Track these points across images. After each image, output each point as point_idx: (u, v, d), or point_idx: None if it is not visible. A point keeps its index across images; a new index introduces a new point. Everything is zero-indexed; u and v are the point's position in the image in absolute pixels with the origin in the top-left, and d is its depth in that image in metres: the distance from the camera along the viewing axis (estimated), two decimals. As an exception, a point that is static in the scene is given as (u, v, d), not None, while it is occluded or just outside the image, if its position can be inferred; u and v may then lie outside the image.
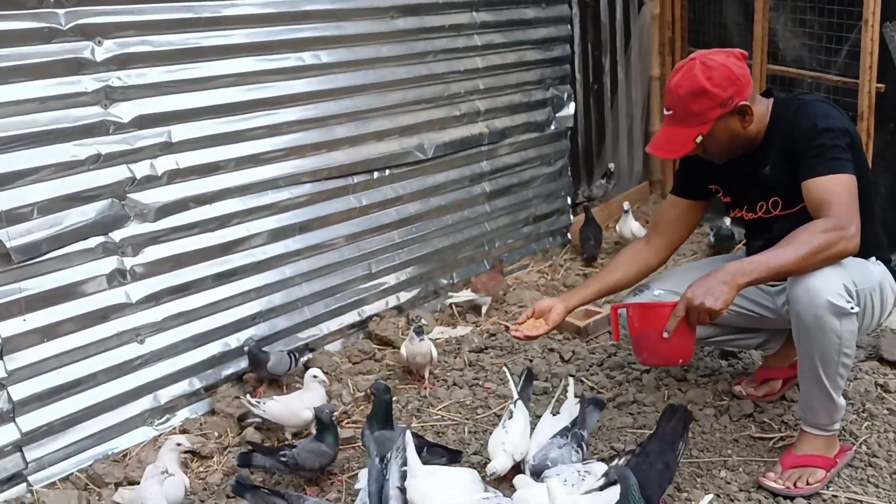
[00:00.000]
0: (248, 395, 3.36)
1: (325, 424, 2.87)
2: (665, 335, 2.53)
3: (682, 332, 2.53)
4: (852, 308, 2.49)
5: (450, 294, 4.50)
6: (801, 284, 2.50)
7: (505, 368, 3.34)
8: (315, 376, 3.24)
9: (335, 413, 2.77)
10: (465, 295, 4.40)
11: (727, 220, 4.82)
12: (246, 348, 3.55)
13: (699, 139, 2.66)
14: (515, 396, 2.97)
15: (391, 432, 2.83)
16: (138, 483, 2.98)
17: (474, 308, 4.43)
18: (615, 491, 2.32)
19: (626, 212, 5.10)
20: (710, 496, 2.35)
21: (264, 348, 3.59)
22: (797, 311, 2.52)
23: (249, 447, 3.10)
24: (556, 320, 2.97)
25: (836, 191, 2.51)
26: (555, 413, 3.01)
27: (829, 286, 2.46)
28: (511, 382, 3.09)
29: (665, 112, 2.75)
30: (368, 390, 3.25)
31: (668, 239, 3.11)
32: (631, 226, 5.08)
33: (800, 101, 2.76)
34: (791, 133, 2.66)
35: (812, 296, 2.47)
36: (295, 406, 3.19)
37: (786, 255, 2.48)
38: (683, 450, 2.67)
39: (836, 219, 2.46)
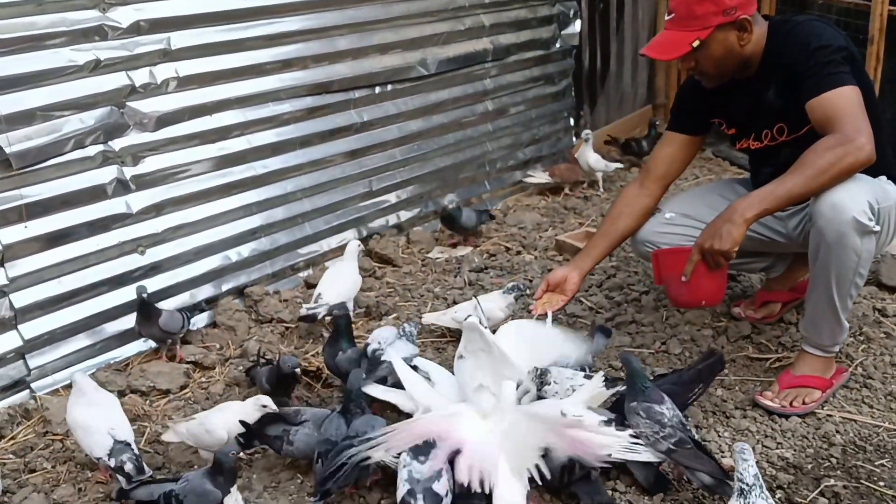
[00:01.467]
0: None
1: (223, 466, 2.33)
2: (683, 279, 2.60)
3: (701, 275, 2.60)
4: (874, 227, 2.48)
5: (528, 173, 4.87)
6: (827, 200, 2.48)
7: (475, 299, 3.21)
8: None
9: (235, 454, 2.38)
10: (542, 177, 4.84)
11: None
12: (144, 296, 3.14)
13: (696, 43, 2.62)
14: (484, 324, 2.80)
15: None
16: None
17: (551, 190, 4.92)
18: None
19: (587, 140, 4.88)
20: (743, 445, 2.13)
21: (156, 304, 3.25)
22: (820, 226, 2.50)
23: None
24: (573, 290, 2.97)
25: (839, 104, 2.49)
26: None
27: (855, 203, 2.45)
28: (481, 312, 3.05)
29: (667, 17, 2.72)
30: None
31: (663, 178, 3.07)
32: (588, 157, 4.85)
33: (792, 22, 2.72)
34: (787, 56, 2.63)
35: (837, 212, 2.45)
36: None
37: (793, 180, 2.47)
38: (700, 393, 2.65)
39: (842, 132, 2.44)
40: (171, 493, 2.28)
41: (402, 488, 2.24)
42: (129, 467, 2.43)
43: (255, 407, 2.55)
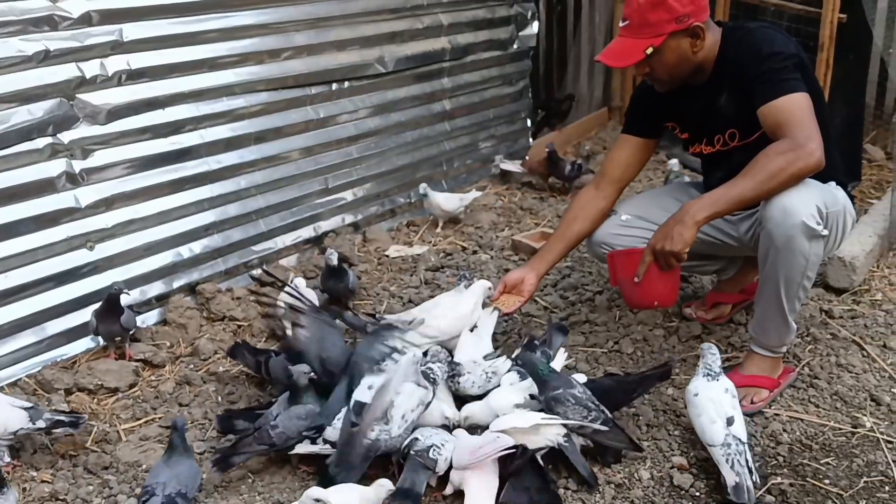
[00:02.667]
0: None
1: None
2: (636, 280, 2.66)
3: (654, 276, 2.64)
4: (822, 231, 2.53)
5: (503, 159, 4.91)
6: (776, 204, 2.52)
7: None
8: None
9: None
10: (514, 166, 4.93)
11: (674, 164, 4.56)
12: (119, 290, 3.06)
13: (650, 51, 2.66)
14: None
15: None
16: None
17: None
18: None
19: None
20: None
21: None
22: (769, 229, 2.55)
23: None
24: (530, 291, 3.02)
25: (790, 110, 2.54)
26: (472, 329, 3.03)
27: (804, 208, 2.50)
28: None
29: (621, 24, 2.75)
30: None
31: (619, 181, 3.11)
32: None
33: (745, 29, 2.77)
34: (739, 62, 2.67)
35: (787, 216, 2.50)
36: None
37: (744, 183, 2.52)
38: (639, 394, 2.74)
39: (793, 138, 2.49)
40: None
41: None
42: None
43: (377, 492, 2.28)
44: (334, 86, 4.04)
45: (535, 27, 5.12)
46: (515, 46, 5.05)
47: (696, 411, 2.46)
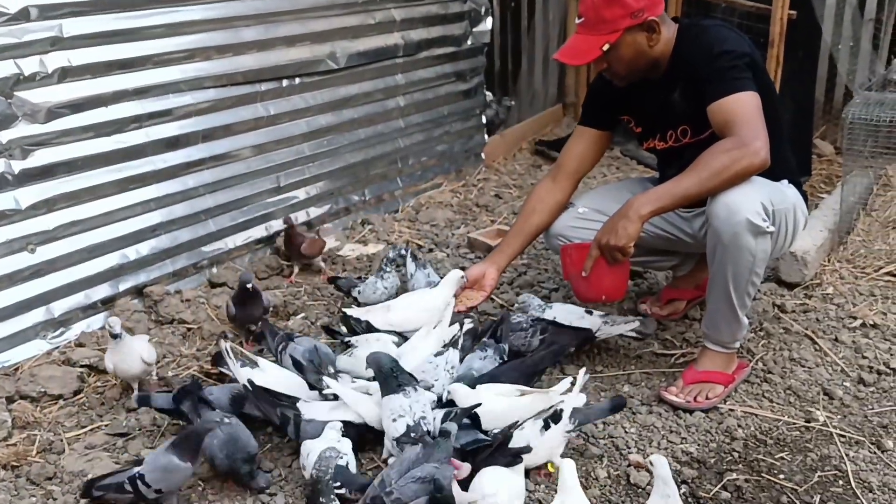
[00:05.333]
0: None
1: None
2: (583, 274, 2.69)
3: (602, 270, 2.67)
4: (768, 227, 2.55)
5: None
6: (721, 201, 2.54)
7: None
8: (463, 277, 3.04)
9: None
10: None
11: None
12: (248, 281, 3.13)
13: (606, 47, 2.66)
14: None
15: None
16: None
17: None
18: None
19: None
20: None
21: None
22: (715, 227, 2.56)
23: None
24: (491, 285, 3.04)
25: (737, 110, 2.55)
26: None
27: (748, 204, 2.51)
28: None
29: (577, 21, 2.74)
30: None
31: (575, 173, 3.12)
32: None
33: (699, 27, 2.78)
34: (691, 60, 2.68)
35: (731, 213, 2.52)
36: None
37: (689, 180, 2.55)
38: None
39: (739, 137, 2.51)
40: None
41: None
42: None
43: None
44: (285, 82, 3.97)
45: (488, 23, 5.09)
46: (469, 42, 5.01)
47: None
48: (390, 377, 2.48)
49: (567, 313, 3.03)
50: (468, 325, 2.91)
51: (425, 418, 2.43)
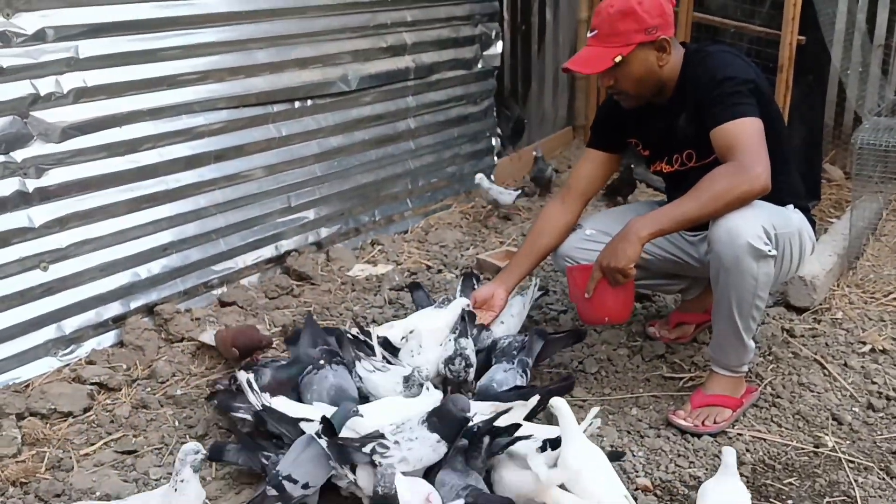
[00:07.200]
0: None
1: None
2: (586, 295, 2.70)
3: (605, 292, 2.68)
4: (770, 251, 2.55)
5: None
6: (722, 225, 2.55)
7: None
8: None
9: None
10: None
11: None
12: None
13: (618, 59, 2.68)
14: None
15: None
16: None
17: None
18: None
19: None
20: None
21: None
22: (717, 251, 2.57)
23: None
24: (500, 305, 3.08)
25: (739, 135, 2.57)
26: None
27: (750, 228, 2.52)
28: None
29: (589, 34, 2.77)
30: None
31: (584, 194, 3.15)
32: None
33: (705, 52, 2.80)
34: (697, 85, 2.71)
35: (732, 237, 2.53)
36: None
37: (689, 203, 2.57)
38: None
39: (740, 162, 2.53)
40: None
41: None
42: None
43: None
44: (297, 104, 4.00)
45: (499, 47, 5.14)
46: (480, 66, 5.05)
47: None
48: None
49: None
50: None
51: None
